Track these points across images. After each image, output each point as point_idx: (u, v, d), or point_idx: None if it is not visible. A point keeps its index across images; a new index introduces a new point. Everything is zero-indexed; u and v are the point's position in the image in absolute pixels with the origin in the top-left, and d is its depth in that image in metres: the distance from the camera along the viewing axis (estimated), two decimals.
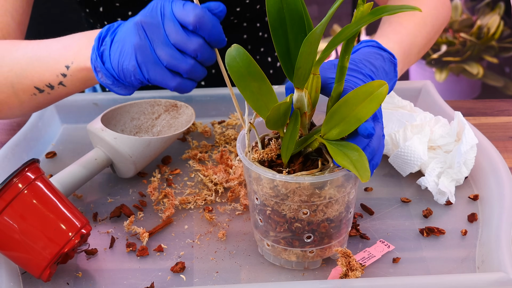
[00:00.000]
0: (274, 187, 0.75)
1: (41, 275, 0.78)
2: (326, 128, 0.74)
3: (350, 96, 0.72)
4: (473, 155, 0.93)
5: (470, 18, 2.37)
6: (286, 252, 0.81)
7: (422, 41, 1.04)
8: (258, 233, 0.82)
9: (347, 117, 0.73)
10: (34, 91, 0.92)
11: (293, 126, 0.75)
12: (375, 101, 0.71)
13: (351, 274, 0.78)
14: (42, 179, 0.80)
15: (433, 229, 0.88)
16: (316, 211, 0.77)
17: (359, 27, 0.70)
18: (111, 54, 0.82)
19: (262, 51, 1.26)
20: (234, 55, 0.76)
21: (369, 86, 0.72)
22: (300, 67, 0.71)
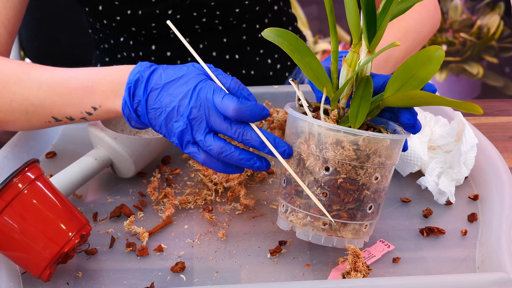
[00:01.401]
0: (357, 150, 0.77)
1: (41, 275, 0.78)
2: (389, 92, 0.79)
3: (408, 62, 0.78)
4: (473, 155, 0.93)
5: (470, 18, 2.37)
6: (344, 228, 0.80)
7: (400, 55, 1.06)
8: (313, 213, 0.80)
9: (408, 80, 0.78)
10: (50, 119, 0.92)
11: (363, 90, 0.79)
12: (434, 63, 0.78)
13: (353, 274, 0.78)
14: (42, 179, 0.80)
15: (433, 229, 0.88)
16: (383, 177, 0.79)
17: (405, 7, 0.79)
18: (149, 115, 0.83)
19: (262, 53, 1.26)
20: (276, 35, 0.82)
21: (426, 51, 0.78)
22: (383, 26, 0.76)
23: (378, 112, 0.80)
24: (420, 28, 1.08)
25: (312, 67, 0.81)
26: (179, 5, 1.14)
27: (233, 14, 1.17)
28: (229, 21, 1.19)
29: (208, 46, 1.21)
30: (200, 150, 0.82)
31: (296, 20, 1.35)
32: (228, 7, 1.16)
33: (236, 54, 1.22)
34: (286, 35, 0.81)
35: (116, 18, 1.15)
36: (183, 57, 1.21)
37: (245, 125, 0.80)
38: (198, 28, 1.18)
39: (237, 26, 1.21)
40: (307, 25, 2.52)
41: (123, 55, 1.24)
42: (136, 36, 1.20)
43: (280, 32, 0.81)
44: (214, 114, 0.80)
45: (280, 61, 1.29)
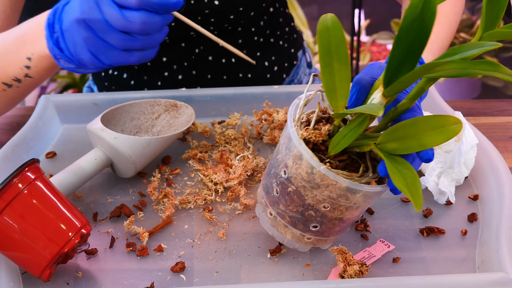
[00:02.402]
0: (311, 174, 0.75)
1: (41, 275, 0.78)
2: (384, 139, 0.73)
3: (420, 120, 0.71)
4: (473, 155, 0.94)
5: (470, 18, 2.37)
6: (285, 228, 0.81)
7: (448, 42, 1.07)
8: (267, 198, 0.81)
9: (410, 137, 0.71)
10: (2, 87, 0.93)
11: (356, 126, 0.73)
12: (445, 134, 0.70)
13: (349, 269, 0.79)
14: (42, 179, 0.80)
15: (433, 229, 0.88)
16: (335, 209, 0.77)
17: (457, 72, 0.68)
18: (66, 43, 0.83)
19: (259, 56, 1.26)
20: (328, 26, 0.72)
21: (443, 119, 0.70)
22: (403, 82, 0.69)
23: (368, 149, 0.75)
24: (456, 10, 1.11)
25: (339, 75, 0.73)
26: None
27: (228, 21, 1.17)
28: (225, 27, 1.19)
29: (204, 50, 1.20)
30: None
31: (293, 20, 1.35)
32: (222, 14, 1.15)
33: (233, 58, 1.22)
34: (337, 32, 0.72)
35: None
36: (180, 62, 1.21)
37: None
38: (194, 34, 1.18)
39: (232, 31, 1.21)
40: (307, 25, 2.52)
41: None
42: None
43: (335, 25, 0.72)
44: (109, 9, 0.79)
45: (277, 63, 1.29)
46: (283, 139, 0.79)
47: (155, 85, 1.23)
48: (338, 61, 0.73)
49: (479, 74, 0.69)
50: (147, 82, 1.23)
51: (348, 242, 0.87)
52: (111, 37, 0.80)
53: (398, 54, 0.69)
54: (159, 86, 1.22)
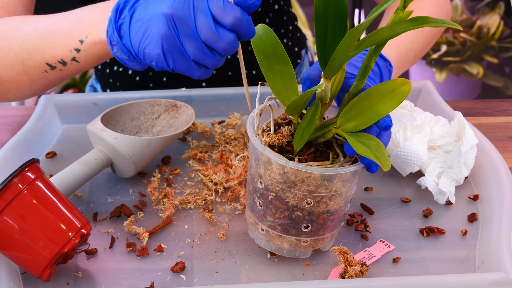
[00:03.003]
0: (284, 174, 0.75)
1: (41, 275, 0.78)
2: (342, 120, 0.75)
3: (370, 91, 0.73)
4: (473, 155, 0.93)
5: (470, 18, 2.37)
6: (280, 238, 0.81)
7: (419, 46, 1.05)
8: (253, 216, 0.82)
9: (365, 111, 0.74)
10: (45, 67, 0.90)
11: (311, 115, 0.75)
12: (396, 98, 0.73)
13: (350, 269, 0.79)
14: (42, 179, 0.80)
15: (433, 229, 0.88)
16: (319, 202, 0.77)
17: (395, 33, 0.70)
18: (131, 32, 0.78)
19: None
20: (261, 35, 0.76)
21: (391, 83, 0.73)
22: (336, 58, 0.71)
23: (331, 135, 0.77)
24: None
25: (282, 75, 0.76)
26: None
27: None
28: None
29: None
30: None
31: (296, 19, 1.35)
32: None
33: (237, 54, 1.22)
34: (269, 37, 0.76)
35: None
36: None
37: (236, 39, 0.75)
38: None
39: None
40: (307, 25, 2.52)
41: None
42: None
43: (266, 31, 0.77)
44: (204, 18, 0.75)
45: None
46: (250, 152, 0.80)
47: (160, 81, 1.23)
48: (277, 62, 0.76)
49: (408, 30, 0.70)
50: (152, 78, 1.23)
51: (348, 242, 0.87)
52: (191, 45, 0.75)
53: (323, 33, 0.72)
54: (164, 81, 1.23)
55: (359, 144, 0.72)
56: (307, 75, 0.80)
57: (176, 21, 0.75)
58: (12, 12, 1.00)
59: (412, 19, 0.71)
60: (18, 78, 0.92)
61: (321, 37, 0.73)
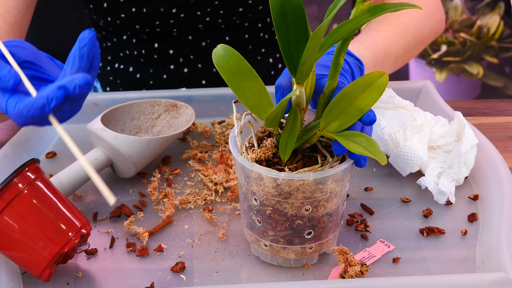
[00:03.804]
0: (277, 186, 0.75)
1: (41, 275, 0.78)
2: (325, 121, 0.74)
3: (349, 88, 0.73)
4: (473, 155, 0.93)
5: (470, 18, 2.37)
6: (285, 250, 0.80)
7: (399, 51, 1.04)
8: (254, 234, 0.82)
9: (347, 109, 0.73)
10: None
11: (292, 123, 0.75)
12: (375, 91, 0.72)
13: (350, 269, 0.79)
14: (42, 179, 0.80)
15: (433, 229, 0.88)
16: (317, 206, 0.77)
17: (358, 25, 0.70)
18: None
19: (263, 52, 1.26)
20: (222, 55, 0.75)
21: (368, 77, 0.72)
22: (305, 62, 0.70)
23: (316, 139, 0.77)
24: (420, 26, 1.08)
25: (253, 90, 0.75)
26: (184, 4, 1.14)
27: (237, 13, 1.18)
28: (233, 20, 1.19)
29: (211, 44, 1.21)
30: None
31: None
32: (232, 6, 1.16)
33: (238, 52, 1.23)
34: (231, 55, 0.75)
35: (121, 15, 1.15)
36: (186, 55, 1.21)
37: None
38: (201, 26, 1.18)
39: (239, 25, 1.21)
40: None
41: (125, 53, 1.24)
42: (139, 34, 1.20)
43: (227, 51, 0.76)
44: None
45: (282, 61, 1.29)
46: (238, 171, 0.79)
47: (160, 79, 1.23)
48: (245, 79, 0.75)
49: (369, 20, 0.70)
50: (152, 75, 1.23)
51: (348, 242, 0.87)
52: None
53: (286, 40, 0.72)
54: (165, 79, 1.23)
55: (351, 143, 0.71)
56: (279, 84, 0.79)
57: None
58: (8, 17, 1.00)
59: (370, 8, 0.70)
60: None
61: (285, 45, 0.73)
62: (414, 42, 1.07)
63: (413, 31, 1.06)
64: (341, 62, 0.74)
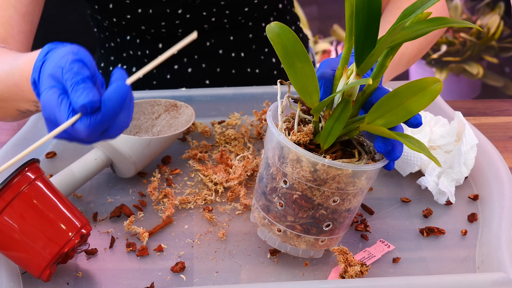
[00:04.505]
0: (314, 172, 0.75)
1: (41, 275, 0.78)
2: (370, 117, 0.75)
3: (401, 89, 0.74)
4: (473, 155, 0.93)
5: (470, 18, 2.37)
6: (298, 239, 0.80)
7: (413, 52, 1.05)
8: (269, 217, 0.80)
9: (395, 109, 0.74)
10: (16, 112, 0.94)
11: (341, 113, 0.75)
12: (428, 96, 0.73)
13: (350, 269, 0.79)
14: (42, 179, 0.80)
15: (433, 229, 0.88)
16: (344, 200, 0.77)
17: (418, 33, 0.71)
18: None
19: (267, 52, 1.26)
20: (278, 32, 0.76)
21: (423, 81, 0.73)
22: (374, 54, 0.71)
23: (357, 133, 0.78)
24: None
25: (304, 73, 0.76)
26: (190, 5, 1.15)
27: (242, 13, 1.18)
28: (238, 20, 1.19)
29: (215, 44, 1.21)
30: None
31: (299, 20, 1.35)
32: (237, 6, 1.16)
33: (242, 52, 1.23)
34: (287, 34, 0.76)
35: (127, 16, 1.15)
36: (190, 55, 1.21)
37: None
38: (206, 26, 1.19)
39: (244, 25, 1.22)
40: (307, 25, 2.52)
41: (129, 53, 1.24)
42: (144, 34, 1.20)
43: (283, 29, 0.76)
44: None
45: None
46: (272, 151, 0.78)
47: (164, 78, 1.23)
48: (299, 60, 0.76)
49: (431, 30, 0.72)
50: (156, 75, 1.23)
51: (348, 242, 0.87)
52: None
53: (360, 31, 0.72)
54: (168, 79, 1.23)
55: (406, 141, 0.72)
56: (322, 74, 0.80)
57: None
58: (7, 22, 1.00)
59: (431, 19, 0.72)
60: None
61: (358, 34, 0.73)
62: (425, 42, 1.08)
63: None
64: (387, 65, 0.75)
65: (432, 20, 0.72)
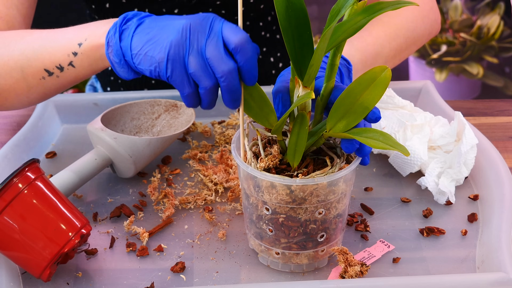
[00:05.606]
0: (291, 193, 0.75)
1: (41, 275, 0.78)
2: (331, 122, 0.74)
3: (352, 86, 0.72)
4: (473, 155, 0.93)
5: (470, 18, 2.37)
6: (297, 256, 0.80)
7: (391, 52, 1.04)
8: (264, 244, 0.81)
9: (352, 107, 0.73)
10: (43, 74, 0.91)
11: (299, 128, 0.74)
12: (379, 87, 0.72)
13: (350, 269, 0.79)
14: (42, 179, 0.80)
15: (433, 229, 0.88)
16: (330, 208, 0.77)
17: (357, 25, 0.70)
18: (134, 36, 0.80)
19: (265, 51, 1.26)
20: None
21: (371, 73, 0.72)
22: (313, 64, 0.70)
23: (323, 141, 0.77)
24: (413, 27, 1.07)
25: (254, 98, 0.76)
26: (186, 5, 1.15)
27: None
28: (234, 20, 1.19)
29: None
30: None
31: None
32: (233, 6, 1.16)
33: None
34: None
35: None
36: None
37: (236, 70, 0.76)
38: None
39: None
40: None
41: None
42: None
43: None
44: (215, 37, 0.76)
45: (283, 60, 1.29)
46: (245, 182, 0.78)
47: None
48: (244, 89, 0.76)
49: (368, 21, 0.69)
50: None
51: (348, 242, 0.87)
52: (195, 59, 0.77)
53: (293, 44, 0.72)
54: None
55: (369, 140, 0.71)
56: (276, 90, 0.79)
57: (192, 32, 0.77)
58: (11, 22, 1.01)
59: (366, 8, 0.70)
60: (16, 86, 0.93)
61: (292, 49, 0.73)
62: (406, 43, 1.07)
63: (405, 32, 1.06)
64: (337, 63, 0.74)
65: (367, 8, 0.70)
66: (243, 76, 0.76)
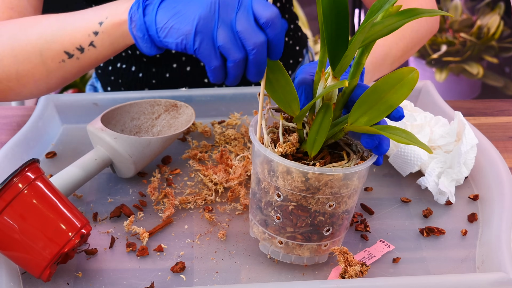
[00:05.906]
0: (306, 181, 0.75)
1: (41, 275, 0.78)
2: (353, 117, 0.75)
3: (379, 83, 0.73)
4: (473, 155, 0.93)
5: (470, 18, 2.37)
6: (300, 248, 0.80)
7: (398, 53, 1.04)
8: (268, 231, 0.81)
9: (376, 104, 0.74)
10: (63, 57, 0.91)
11: (323, 118, 0.75)
12: (406, 87, 0.73)
13: (350, 269, 0.79)
14: (42, 179, 0.80)
15: (433, 229, 0.88)
16: (340, 202, 0.77)
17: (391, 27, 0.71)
18: (159, 10, 0.80)
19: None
20: None
21: (399, 73, 0.73)
22: (348, 55, 0.71)
23: (342, 135, 0.77)
24: (417, 27, 1.08)
25: (279, 84, 0.77)
26: None
27: None
28: None
29: None
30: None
31: (297, 18, 1.35)
32: None
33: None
34: None
35: None
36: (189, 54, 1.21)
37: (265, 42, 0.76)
38: None
39: None
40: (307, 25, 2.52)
41: (127, 52, 1.24)
42: None
43: None
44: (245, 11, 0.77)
45: (283, 60, 1.29)
46: (260, 166, 0.78)
47: (163, 77, 1.23)
48: (271, 72, 0.77)
49: (407, 22, 0.71)
50: (155, 74, 1.23)
51: (348, 242, 0.87)
52: (224, 32, 0.77)
53: (330, 33, 0.72)
54: (167, 78, 1.23)
55: (393, 135, 0.72)
56: (300, 80, 0.80)
57: (221, 6, 0.78)
58: (22, 13, 1.01)
59: (402, 12, 0.71)
60: (35, 71, 0.92)
61: (329, 37, 0.73)
62: (412, 43, 1.07)
63: (411, 32, 1.07)
64: (363, 62, 0.75)
65: (402, 13, 0.71)
66: (270, 51, 0.77)
